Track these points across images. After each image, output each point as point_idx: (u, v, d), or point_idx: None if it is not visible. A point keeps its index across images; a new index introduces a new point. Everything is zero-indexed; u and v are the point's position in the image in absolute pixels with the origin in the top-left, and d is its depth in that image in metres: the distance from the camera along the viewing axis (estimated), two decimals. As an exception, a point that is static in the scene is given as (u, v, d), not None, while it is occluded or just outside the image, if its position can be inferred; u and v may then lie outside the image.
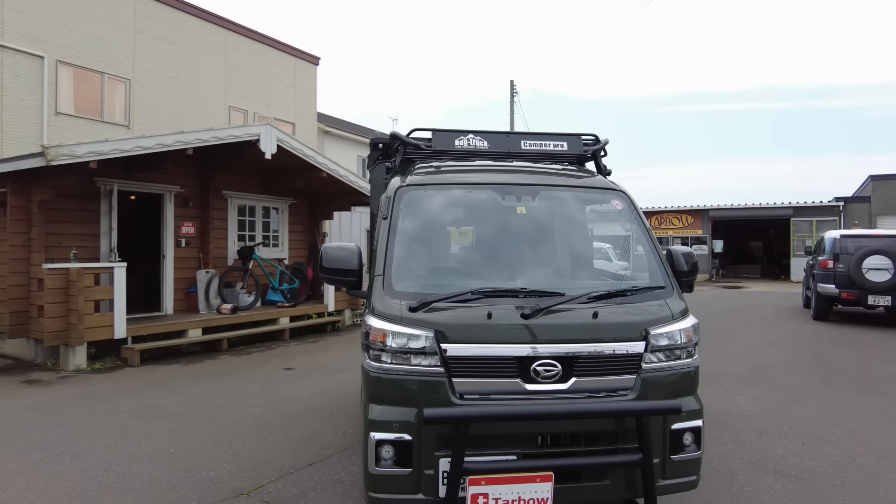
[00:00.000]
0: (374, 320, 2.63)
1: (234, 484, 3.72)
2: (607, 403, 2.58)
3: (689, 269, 3.09)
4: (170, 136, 7.79)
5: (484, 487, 2.40)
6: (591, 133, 3.54)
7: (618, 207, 3.19)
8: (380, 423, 2.51)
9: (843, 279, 11.03)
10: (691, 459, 2.72)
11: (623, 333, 2.65)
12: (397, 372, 2.55)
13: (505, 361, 2.55)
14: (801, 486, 3.75)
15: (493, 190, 3.15)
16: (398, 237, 2.89)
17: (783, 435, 4.75)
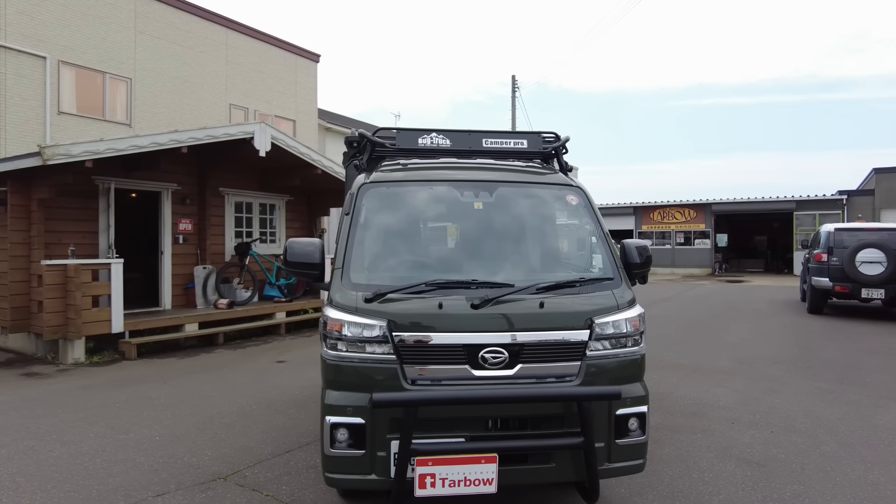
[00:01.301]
0: (331, 311, 2.78)
1: (214, 469, 3.89)
2: (548, 388, 2.71)
3: (642, 262, 3.21)
4: (165, 136, 7.98)
5: (431, 468, 2.54)
6: (552, 131, 3.66)
7: (573, 203, 3.31)
8: (335, 407, 2.67)
9: (836, 272, 11.07)
10: (636, 444, 2.85)
11: (568, 322, 2.78)
12: (352, 360, 2.70)
13: (454, 349, 2.69)
14: (760, 472, 3.86)
15: (452, 186, 3.29)
16: (358, 232, 3.03)
17: (753, 424, 4.86)
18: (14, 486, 3.65)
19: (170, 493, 3.52)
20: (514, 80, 24.66)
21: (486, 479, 2.56)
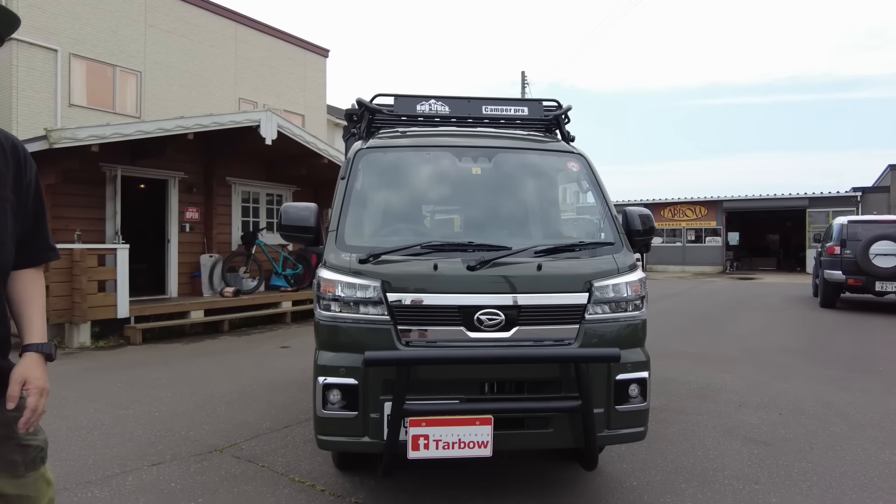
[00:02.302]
0: (325, 272, 2.73)
1: (210, 442, 3.86)
2: (544, 349, 2.64)
3: (644, 230, 3.13)
4: (171, 122, 8.00)
5: (424, 429, 2.48)
6: (553, 99, 3.59)
7: (574, 169, 3.24)
8: (328, 368, 2.62)
9: (849, 265, 10.87)
10: (637, 411, 2.77)
11: (566, 285, 2.71)
12: (345, 320, 2.65)
13: (449, 311, 2.63)
14: (767, 451, 3.76)
15: (450, 152, 3.23)
16: (353, 195, 2.99)
17: (761, 407, 4.75)
18: None
19: (165, 464, 3.49)
20: (523, 76, 24.60)
21: (481, 442, 2.50)
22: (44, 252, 1.60)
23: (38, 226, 1.56)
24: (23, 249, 1.51)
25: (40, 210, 1.57)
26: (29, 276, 1.56)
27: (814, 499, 3.06)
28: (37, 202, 1.55)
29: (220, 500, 3.00)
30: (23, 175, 1.49)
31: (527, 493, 3.07)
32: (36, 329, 1.53)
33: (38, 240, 1.57)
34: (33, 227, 1.54)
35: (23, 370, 1.45)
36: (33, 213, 1.54)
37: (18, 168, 1.48)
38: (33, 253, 1.56)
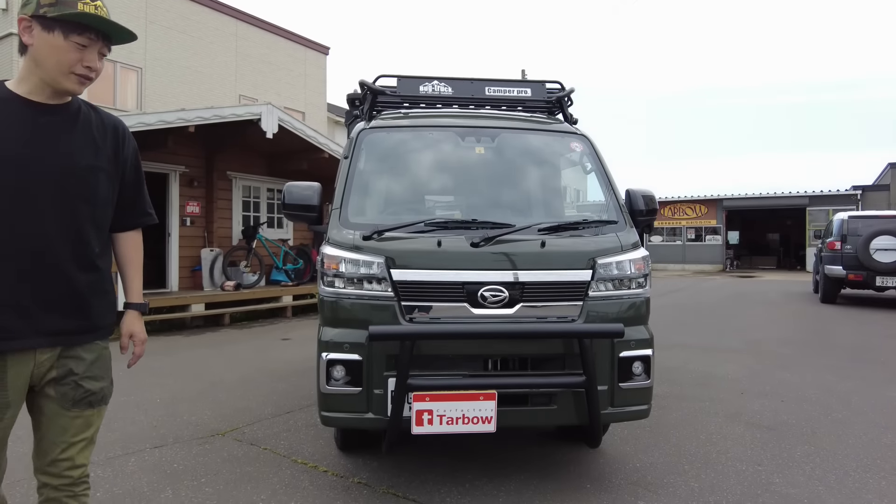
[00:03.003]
0: (329, 249, 2.73)
1: (212, 426, 3.86)
2: (548, 325, 2.64)
3: (647, 210, 3.12)
4: (172, 114, 7.99)
5: (428, 404, 2.48)
6: (557, 80, 3.59)
7: (577, 149, 3.24)
8: (332, 343, 2.61)
9: (850, 261, 10.87)
10: (641, 388, 2.76)
11: (570, 262, 2.71)
12: (349, 296, 2.65)
13: (452, 287, 2.62)
14: (770, 435, 3.76)
15: (453, 132, 3.23)
16: (356, 174, 2.99)
17: (764, 395, 4.75)
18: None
19: (167, 446, 3.49)
20: (523, 74, 24.56)
21: (485, 417, 2.50)
22: (141, 216, 1.88)
23: (137, 194, 1.84)
24: (123, 214, 1.81)
25: (139, 181, 1.84)
26: (129, 237, 1.86)
27: (817, 479, 3.06)
28: (135, 174, 1.82)
29: (223, 480, 3.00)
30: (120, 151, 1.74)
31: (530, 472, 3.07)
32: (135, 289, 1.87)
33: (137, 206, 1.85)
34: (133, 194, 1.82)
35: (128, 325, 1.86)
36: (133, 184, 1.81)
37: (116, 145, 1.73)
38: (133, 216, 1.85)
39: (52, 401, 1.63)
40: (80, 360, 1.65)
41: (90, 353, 1.68)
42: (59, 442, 1.64)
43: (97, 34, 1.58)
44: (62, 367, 1.62)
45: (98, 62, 1.61)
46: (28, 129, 1.55)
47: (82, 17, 1.52)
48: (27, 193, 1.53)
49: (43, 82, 1.57)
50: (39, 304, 1.55)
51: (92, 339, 1.69)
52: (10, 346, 1.52)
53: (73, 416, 1.64)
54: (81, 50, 1.55)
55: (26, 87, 1.58)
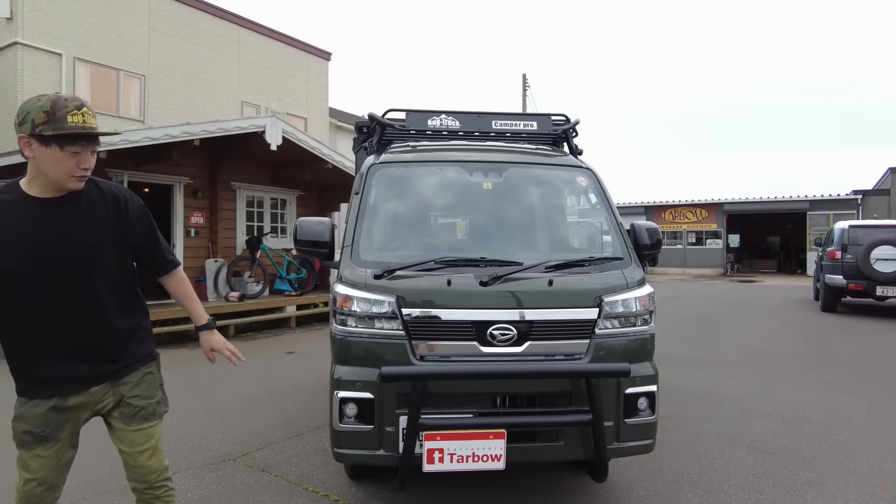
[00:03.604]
0: (340, 287, 2.79)
1: (223, 451, 3.92)
2: (556, 365, 2.70)
3: (652, 244, 3.19)
4: (177, 128, 8.05)
5: (439, 443, 2.54)
6: (562, 113, 3.65)
7: (583, 184, 3.30)
8: (344, 382, 2.67)
9: (850, 270, 10.93)
10: (646, 423, 2.83)
11: (577, 300, 2.77)
12: (361, 335, 2.71)
13: (462, 325, 2.68)
14: (771, 460, 3.82)
15: (461, 167, 3.29)
16: (367, 210, 3.05)
17: (765, 415, 4.81)
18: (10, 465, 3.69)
19: (181, 473, 3.54)
20: (524, 78, 24.63)
21: (495, 455, 2.56)
22: (164, 265, 2.16)
23: (154, 247, 2.11)
24: (149, 266, 2.13)
25: (152, 235, 2.09)
26: (170, 279, 2.19)
27: (818, 509, 3.12)
28: (146, 232, 2.06)
29: (236, 510, 3.05)
30: (124, 219, 1.98)
31: (537, 501, 3.13)
32: (196, 314, 2.25)
33: (157, 257, 2.13)
34: (150, 249, 2.10)
35: (205, 343, 2.29)
36: (146, 241, 2.07)
37: (119, 216, 1.97)
38: (157, 267, 2.15)
39: (117, 421, 2.02)
40: (127, 385, 2.02)
41: (134, 378, 2.04)
42: (132, 453, 2.03)
43: (87, 139, 1.81)
44: (115, 394, 2.00)
45: (90, 161, 1.84)
46: (44, 224, 1.84)
47: (74, 131, 1.76)
48: (55, 274, 1.85)
49: (48, 184, 1.83)
50: (83, 356, 1.93)
51: (131, 372, 2.03)
52: (67, 391, 1.91)
53: (133, 430, 2.02)
54: (76, 156, 1.79)
55: (36, 189, 1.85)
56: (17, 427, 1.90)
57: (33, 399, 1.89)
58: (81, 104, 1.80)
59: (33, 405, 1.89)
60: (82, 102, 1.81)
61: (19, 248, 1.81)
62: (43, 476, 1.92)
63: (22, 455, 1.91)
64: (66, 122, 1.74)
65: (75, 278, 1.88)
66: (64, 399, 1.91)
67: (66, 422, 1.93)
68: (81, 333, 1.92)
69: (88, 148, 1.81)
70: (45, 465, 1.92)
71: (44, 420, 1.88)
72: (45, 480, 1.93)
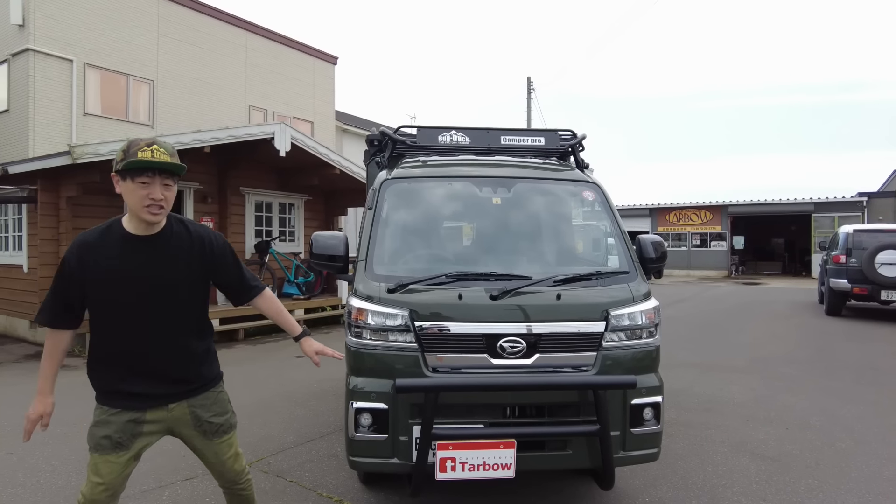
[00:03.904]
0: (355, 301, 2.89)
1: (239, 456, 4.02)
2: (564, 377, 2.79)
3: (657, 257, 3.27)
4: (188, 135, 8.17)
5: (451, 452, 2.63)
6: (569, 129, 3.74)
7: (589, 198, 3.40)
8: (359, 392, 2.77)
9: (855, 274, 10.97)
10: (651, 433, 2.91)
11: (585, 314, 2.86)
12: (375, 347, 2.80)
13: (473, 338, 2.78)
14: (774, 467, 3.90)
15: (471, 182, 3.39)
16: (380, 225, 3.15)
17: (768, 421, 4.88)
18: (50, 468, 3.81)
19: (198, 478, 3.65)
20: (529, 81, 24.71)
21: (505, 464, 2.65)
22: (249, 291, 2.38)
23: (239, 277, 2.35)
24: (238, 293, 2.37)
25: (236, 267, 2.33)
26: (260, 301, 2.41)
27: (820, 516, 3.20)
28: (229, 266, 2.30)
29: (254, 515, 3.15)
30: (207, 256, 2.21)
31: (545, 510, 3.22)
32: (291, 327, 2.45)
33: (243, 284, 2.36)
34: (235, 278, 2.34)
35: (307, 349, 2.45)
36: (230, 273, 2.32)
37: (203, 253, 2.20)
38: (243, 293, 2.37)
39: (198, 439, 2.25)
40: (202, 407, 2.23)
41: (208, 400, 2.26)
42: (219, 462, 2.31)
43: (153, 172, 2.00)
44: (192, 415, 2.21)
45: (160, 193, 2.02)
46: (140, 259, 2.08)
47: (137, 163, 1.96)
48: (146, 303, 2.08)
49: (135, 219, 2.06)
50: (164, 376, 2.15)
51: (205, 391, 2.26)
52: (147, 406, 2.13)
53: (217, 443, 2.27)
54: (146, 187, 1.99)
55: (132, 226, 2.09)
56: (97, 432, 2.10)
57: (115, 409, 2.10)
58: (153, 142, 2.01)
59: (115, 414, 2.10)
60: (154, 140, 2.02)
61: (118, 279, 2.04)
62: (110, 481, 2.09)
63: (95, 459, 2.08)
64: (137, 157, 1.96)
65: (164, 307, 2.11)
66: (143, 413, 2.12)
67: (140, 434, 2.13)
68: (166, 356, 2.14)
69: (157, 179, 2.01)
70: (114, 472, 2.09)
71: (122, 429, 2.09)
72: (111, 486, 2.09)
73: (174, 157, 2.05)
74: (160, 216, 2.06)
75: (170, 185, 2.05)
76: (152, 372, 2.12)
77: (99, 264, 2.04)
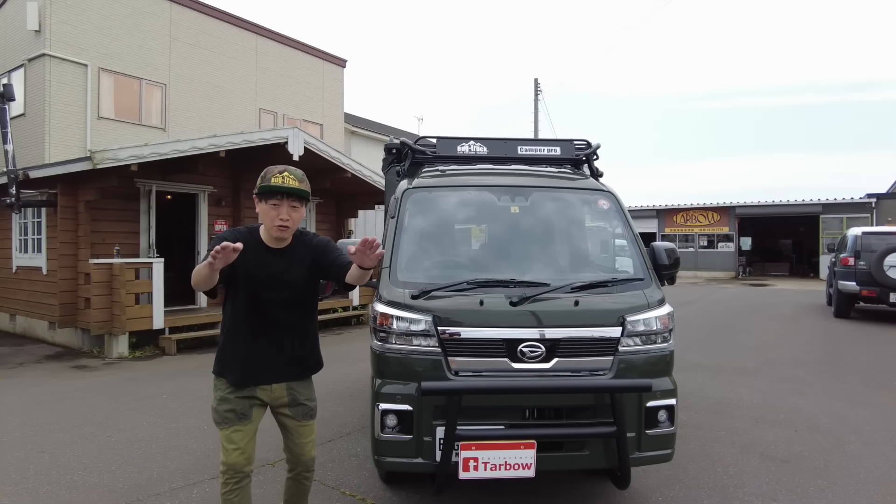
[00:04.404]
0: (380, 306, 3.01)
1: (261, 456, 4.12)
2: (583, 380, 2.90)
3: (671, 263, 3.38)
4: (204, 140, 8.33)
5: (474, 452, 2.74)
6: (583, 139, 3.85)
7: (604, 206, 3.50)
8: (385, 395, 2.89)
9: (864, 276, 11.02)
10: (665, 434, 3.02)
11: (601, 320, 2.97)
12: (400, 351, 2.92)
13: (494, 343, 2.89)
14: (784, 468, 3.99)
15: (490, 191, 3.50)
16: (403, 234, 3.26)
17: (777, 423, 4.97)
18: (82, 466, 3.95)
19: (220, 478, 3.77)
20: (536, 83, 24.78)
21: (525, 464, 2.76)
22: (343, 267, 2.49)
23: (334, 259, 2.54)
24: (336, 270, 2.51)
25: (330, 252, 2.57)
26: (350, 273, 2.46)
27: (829, 516, 3.29)
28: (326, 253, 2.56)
29: (281, 513, 3.27)
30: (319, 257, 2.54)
31: (562, 508, 3.32)
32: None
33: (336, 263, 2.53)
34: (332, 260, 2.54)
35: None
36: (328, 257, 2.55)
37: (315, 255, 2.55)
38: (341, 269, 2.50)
39: (290, 419, 2.62)
40: (300, 392, 2.61)
41: (305, 384, 2.65)
42: (301, 443, 2.65)
43: (282, 195, 2.36)
44: (290, 396, 2.58)
45: (287, 214, 2.38)
46: (272, 265, 2.47)
47: (268, 187, 2.35)
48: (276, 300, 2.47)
49: (270, 234, 2.44)
50: (281, 359, 2.53)
51: (306, 377, 2.65)
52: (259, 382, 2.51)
53: (304, 425, 2.64)
54: (276, 208, 2.36)
55: (267, 238, 2.47)
56: (222, 407, 2.47)
57: (235, 386, 2.47)
58: (284, 169, 2.37)
59: (235, 391, 2.47)
60: (285, 168, 2.38)
61: (256, 279, 2.42)
62: (244, 445, 2.47)
63: (225, 432, 2.46)
64: (270, 182, 2.34)
65: (289, 303, 2.50)
66: (253, 389, 2.50)
67: (253, 406, 2.51)
68: (287, 342, 2.53)
69: (285, 202, 2.36)
70: (245, 437, 2.48)
71: (241, 404, 2.48)
72: (245, 449, 2.49)
73: (303, 183, 2.40)
74: (287, 233, 2.42)
75: (297, 207, 2.40)
76: (273, 356, 2.50)
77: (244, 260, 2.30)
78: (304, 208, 2.46)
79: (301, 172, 2.41)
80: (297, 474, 2.73)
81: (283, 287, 2.47)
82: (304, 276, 2.53)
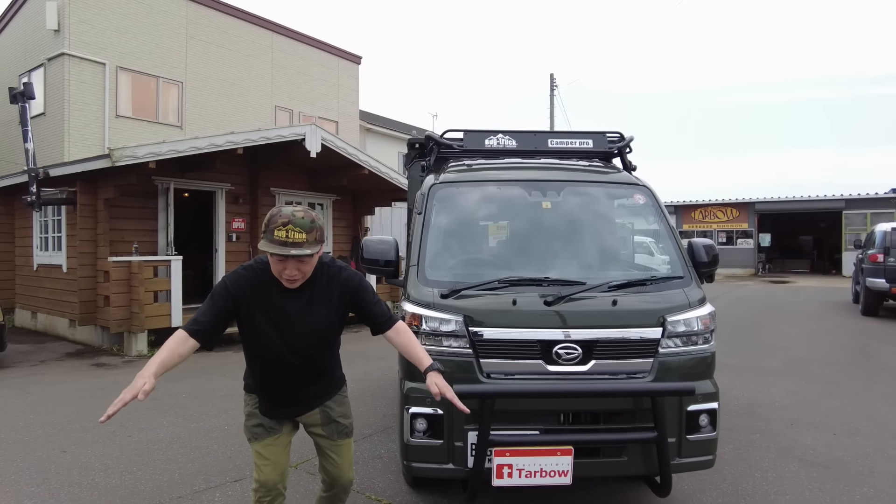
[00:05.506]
0: (409, 305, 2.89)
1: (284, 457, 4.06)
2: (623, 384, 2.77)
3: (710, 261, 3.22)
4: (221, 137, 8.28)
5: (508, 458, 2.63)
6: (616, 130, 3.70)
7: (640, 202, 3.35)
8: (414, 398, 2.78)
9: (893, 273, 10.71)
10: (707, 440, 2.88)
11: (641, 320, 2.83)
12: (430, 352, 2.80)
13: (528, 344, 2.77)
14: (826, 474, 3.82)
15: (520, 186, 3.37)
16: (431, 231, 3.14)
17: (814, 426, 4.79)
18: (103, 467, 3.90)
19: (245, 480, 3.69)
20: (552, 78, 24.54)
21: (562, 471, 2.64)
22: (382, 325, 2.38)
23: (371, 310, 2.37)
24: (371, 324, 2.39)
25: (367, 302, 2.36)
26: (391, 334, 2.38)
27: (879, 526, 3.13)
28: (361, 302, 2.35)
29: (306, 517, 3.18)
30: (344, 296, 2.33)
31: (596, 516, 3.19)
32: (420, 359, 2.31)
33: (374, 317, 2.37)
34: (368, 312, 2.37)
35: (430, 383, 2.23)
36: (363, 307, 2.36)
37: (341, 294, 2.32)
38: (377, 326, 2.39)
39: (325, 438, 2.47)
40: (333, 408, 2.47)
41: (337, 401, 2.50)
42: (339, 463, 2.48)
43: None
44: (323, 414, 2.46)
45: (295, 270, 2.13)
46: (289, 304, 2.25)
47: (268, 247, 2.07)
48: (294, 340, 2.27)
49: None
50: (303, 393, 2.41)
51: (335, 394, 2.50)
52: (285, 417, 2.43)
53: (339, 444, 2.48)
54: (283, 263, 2.11)
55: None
56: (250, 422, 2.40)
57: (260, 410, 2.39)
58: (289, 220, 2.06)
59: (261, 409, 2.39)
60: (289, 219, 2.07)
61: (271, 319, 2.24)
62: (276, 459, 2.37)
63: (256, 447, 2.37)
64: (274, 234, 2.06)
65: (308, 343, 2.30)
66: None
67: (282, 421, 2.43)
68: (306, 379, 2.39)
69: (290, 259, 2.10)
70: (275, 451, 2.38)
71: (269, 420, 2.39)
72: (278, 463, 2.38)
73: (311, 233, 2.10)
74: (296, 284, 2.19)
75: (306, 262, 2.14)
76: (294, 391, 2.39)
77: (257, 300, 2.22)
78: (318, 254, 2.18)
79: (310, 217, 2.11)
80: (332, 495, 2.59)
81: (307, 325, 2.27)
82: (327, 317, 2.29)
